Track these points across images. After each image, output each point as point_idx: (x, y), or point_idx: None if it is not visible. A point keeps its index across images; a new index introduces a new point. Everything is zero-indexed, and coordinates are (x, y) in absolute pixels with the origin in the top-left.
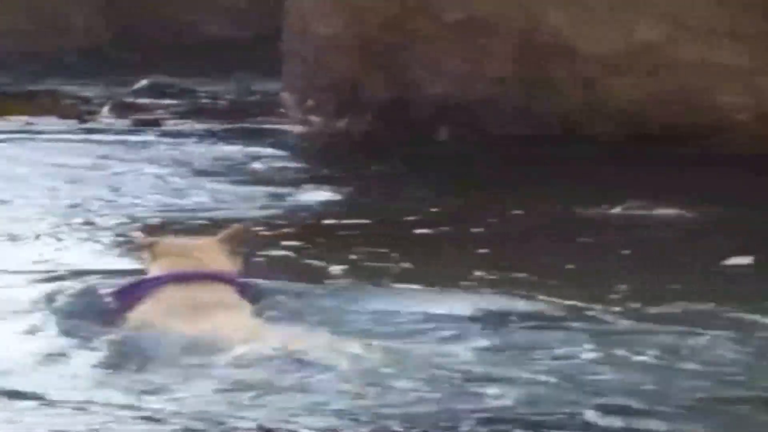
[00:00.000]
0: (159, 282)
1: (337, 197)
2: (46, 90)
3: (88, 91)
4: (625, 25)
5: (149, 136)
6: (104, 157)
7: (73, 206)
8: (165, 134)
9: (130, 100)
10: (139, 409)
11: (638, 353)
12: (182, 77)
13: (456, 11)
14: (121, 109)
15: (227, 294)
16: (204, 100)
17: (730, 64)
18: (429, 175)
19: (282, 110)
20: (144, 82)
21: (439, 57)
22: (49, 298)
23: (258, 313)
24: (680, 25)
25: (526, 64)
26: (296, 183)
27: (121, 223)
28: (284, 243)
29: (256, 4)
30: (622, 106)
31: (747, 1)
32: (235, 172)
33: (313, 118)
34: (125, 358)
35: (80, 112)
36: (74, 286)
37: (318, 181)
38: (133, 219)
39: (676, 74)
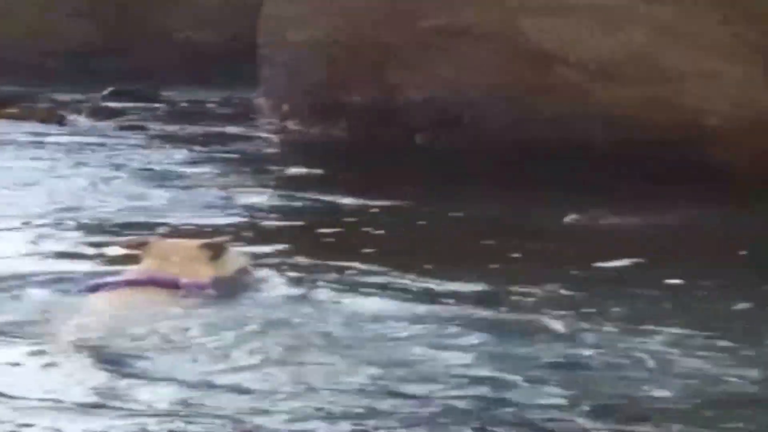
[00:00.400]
0: (117, 285)
1: (311, 200)
2: (25, 95)
3: (68, 97)
4: (616, 33)
5: (130, 140)
6: (88, 159)
7: (70, 208)
8: (145, 137)
9: (105, 104)
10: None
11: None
12: (165, 83)
13: (440, 17)
14: (98, 114)
15: (164, 296)
16: (184, 105)
17: (720, 73)
18: (409, 180)
19: (258, 116)
20: (110, 89)
21: (422, 63)
22: None
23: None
24: (671, 33)
25: (514, 71)
26: (270, 187)
27: (116, 224)
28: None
29: (240, 12)
30: (612, 113)
31: (737, 10)
32: (209, 177)
33: (290, 124)
34: None
35: (60, 116)
36: None
37: (294, 185)
38: (121, 220)
39: (666, 82)
